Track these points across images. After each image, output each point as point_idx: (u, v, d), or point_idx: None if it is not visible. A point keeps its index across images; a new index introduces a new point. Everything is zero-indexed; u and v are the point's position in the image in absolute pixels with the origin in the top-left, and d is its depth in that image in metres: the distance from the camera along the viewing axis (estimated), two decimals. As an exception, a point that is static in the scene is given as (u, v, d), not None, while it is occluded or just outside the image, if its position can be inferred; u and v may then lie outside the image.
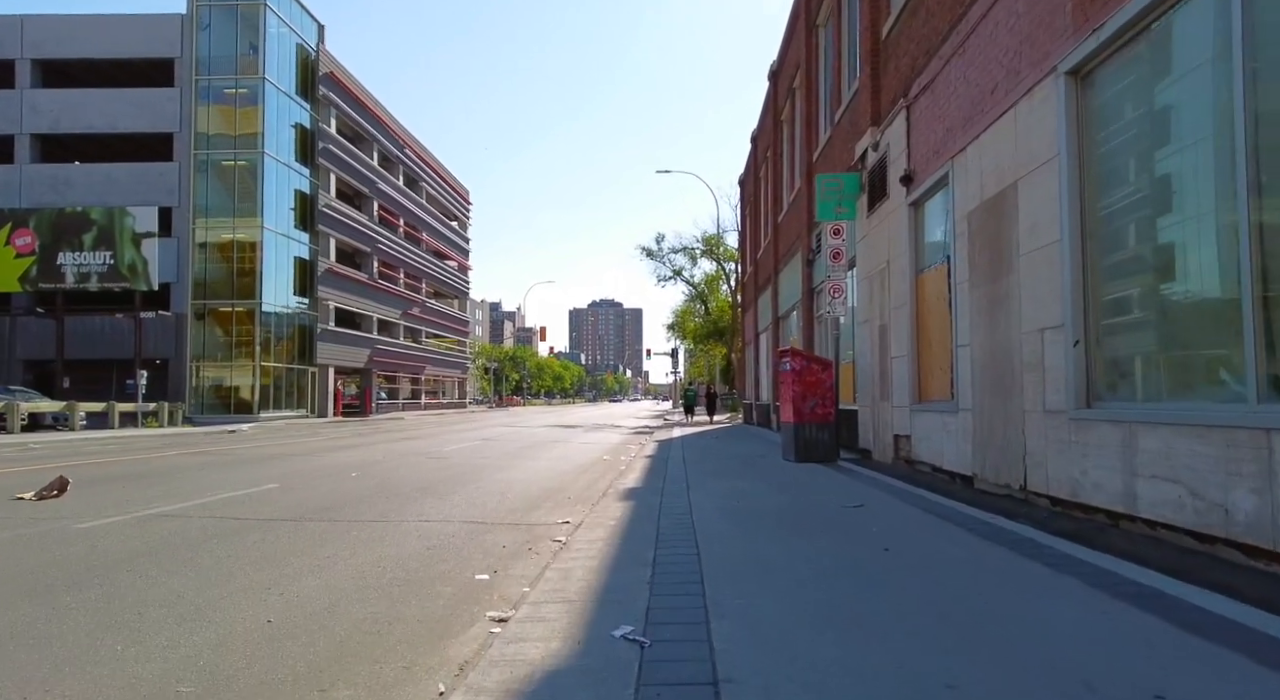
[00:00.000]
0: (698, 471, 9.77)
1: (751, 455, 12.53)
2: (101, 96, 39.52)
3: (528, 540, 5.91)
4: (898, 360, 9.61)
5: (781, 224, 20.76)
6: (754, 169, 26.98)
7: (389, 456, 14.06)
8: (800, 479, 8.67)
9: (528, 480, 10.18)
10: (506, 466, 12.15)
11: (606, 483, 9.57)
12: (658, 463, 11.43)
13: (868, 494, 7.20)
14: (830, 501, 6.78)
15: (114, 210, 32.45)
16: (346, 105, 48.54)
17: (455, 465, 12.34)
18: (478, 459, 13.55)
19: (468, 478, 10.44)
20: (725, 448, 14.69)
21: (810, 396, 10.69)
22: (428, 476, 10.59)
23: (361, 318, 51.30)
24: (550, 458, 13.99)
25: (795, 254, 18.30)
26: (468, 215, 77.96)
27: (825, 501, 6.79)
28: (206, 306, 40.00)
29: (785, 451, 11.12)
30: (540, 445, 17.49)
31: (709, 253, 43.87)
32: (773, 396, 22.45)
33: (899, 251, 9.53)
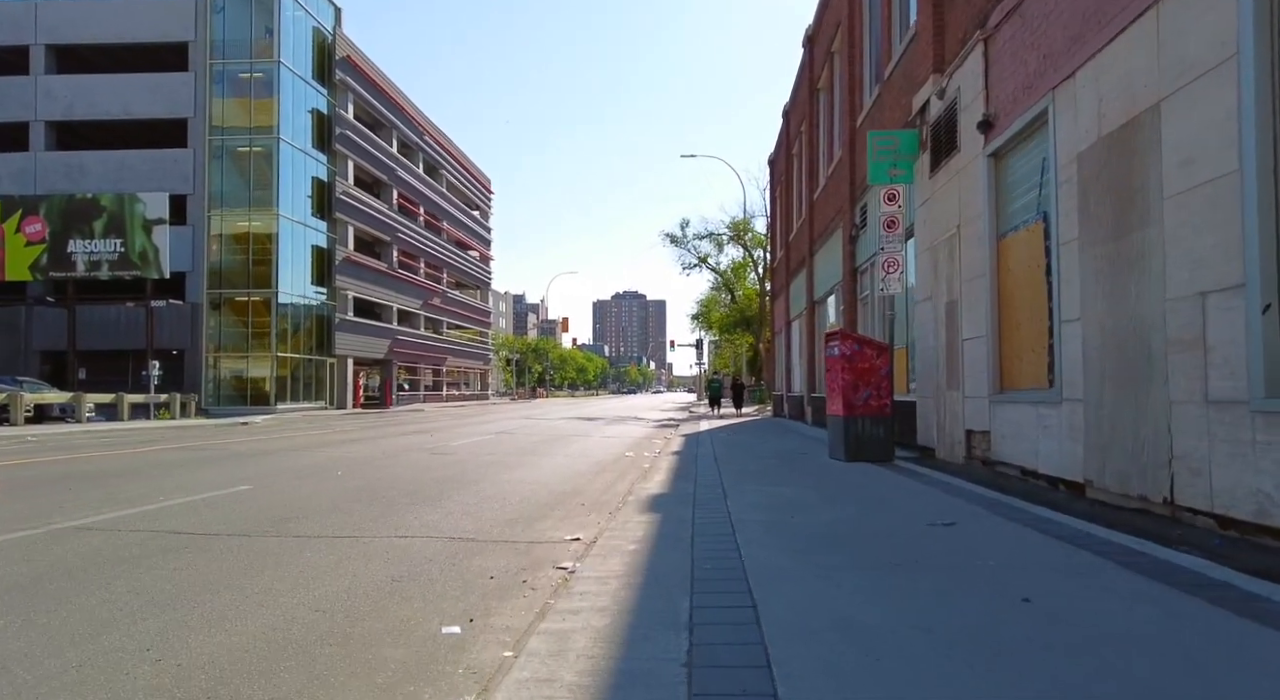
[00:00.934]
0: (733, 472, 8.38)
1: (791, 452, 11.11)
2: (115, 82, 38.79)
3: (524, 567, 4.57)
4: (972, 343, 8.14)
5: (818, 201, 19.23)
6: (786, 146, 25.42)
7: (391, 452, 12.83)
8: (858, 484, 7.25)
9: (538, 482, 8.86)
10: (516, 465, 10.84)
11: (627, 485, 8.22)
12: (685, 461, 10.05)
13: (951, 506, 5.78)
14: (908, 516, 5.37)
15: (124, 196, 31.62)
16: (364, 90, 47.51)
17: (459, 463, 11.05)
18: (486, 456, 12.27)
19: (470, 478, 9.13)
20: (759, 443, 13.27)
21: (862, 386, 9.25)
22: (425, 477, 9.30)
23: (381, 308, 50.41)
24: (567, 454, 12.67)
25: (834, 232, 16.79)
26: (489, 205, 76.90)
27: (902, 516, 5.38)
28: (222, 296, 39.22)
29: (833, 449, 9.69)
30: (558, 440, 16.19)
31: (736, 239, 42.29)
32: (805, 387, 20.97)
33: (974, 213, 8.05)
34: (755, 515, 5.48)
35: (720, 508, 5.84)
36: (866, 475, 7.88)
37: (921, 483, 7.19)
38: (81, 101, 38.63)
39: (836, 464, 9.17)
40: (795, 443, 13.28)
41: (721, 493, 6.69)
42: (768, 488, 7.03)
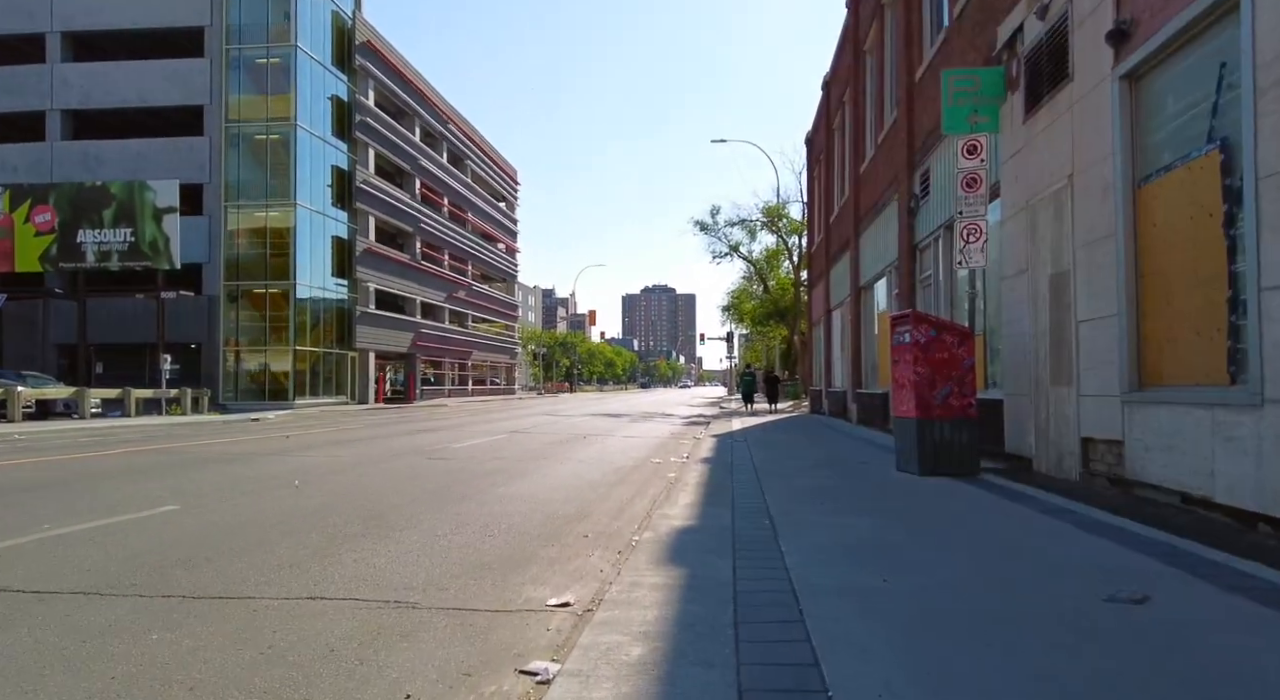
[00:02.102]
0: (780, 490, 6.62)
1: (844, 459, 9.31)
2: (131, 69, 37.86)
3: (467, 671, 2.87)
4: (1093, 325, 6.28)
5: (865, 175, 17.29)
6: (826, 120, 23.46)
7: (382, 456, 11.25)
8: (954, 512, 5.46)
9: (537, 499, 7.17)
10: (519, 474, 9.17)
11: (646, 506, 6.51)
12: (718, 471, 8.30)
13: (1109, 556, 3.96)
14: (1055, 573, 3.58)
15: (134, 184, 30.59)
16: (386, 77, 46.24)
17: (452, 471, 9.41)
18: (488, 461, 10.63)
19: (455, 494, 7.47)
20: (804, 448, 11.46)
21: (940, 381, 7.43)
22: (402, 491, 7.66)
23: (404, 300, 49.22)
24: (580, 459, 10.98)
25: (885, 207, 14.88)
26: (515, 196, 75.54)
27: (1048, 575, 3.59)
28: (240, 288, 38.18)
29: (902, 458, 7.87)
30: (574, 441, 14.52)
31: (770, 225, 40.24)
32: (849, 382, 19.06)
33: (1096, 156, 6.18)
34: (827, 573, 3.72)
35: (772, 556, 4.09)
36: (956, 497, 6.07)
37: (1035, 510, 5.37)
38: (98, 90, 37.77)
39: (908, 478, 7.37)
40: (846, 446, 11.45)
41: (770, 526, 4.93)
42: (832, 518, 5.26)
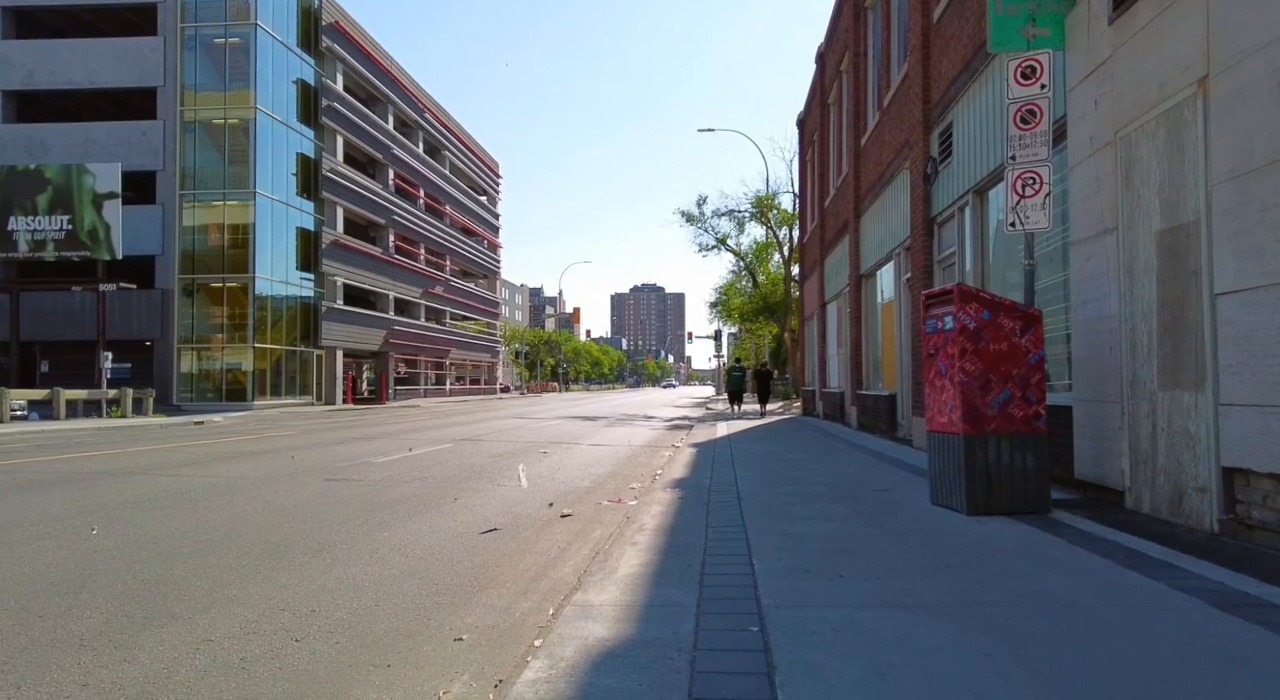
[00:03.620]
0: (778, 550, 4.47)
1: (858, 485, 7.19)
2: (78, 47, 35.40)
3: None
4: (1251, 299, 4.17)
5: (867, 147, 15.21)
6: (820, 95, 21.38)
7: (276, 475, 9.05)
8: (1061, 601, 3.33)
9: (424, 552, 5.00)
10: (428, 505, 7.01)
11: (570, 580, 4.35)
12: (689, 506, 6.16)
13: None
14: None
15: (71, 168, 28.18)
16: (356, 60, 43.89)
17: (341, 501, 7.24)
18: (403, 483, 8.47)
19: (310, 544, 5.30)
20: (802, 464, 9.33)
21: (997, 382, 5.33)
22: (235, 540, 5.48)
23: (376, 296, 46.88)
24: (518, 485, 8.82)
25: (895, 177, 12.79)
26: (497, 190, 73.22)
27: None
28: (195, 282, 35.82)
29: (941, 488, 5.75)
30: (529, 452, 12.37)
31: (759, 217, 38.13)
32: (848, 382, 16.98)
33: (1258, 38, 4.07)
34: None
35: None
36: (1055, 568, 3.92)
37: (1208, 603, 3.27)
38: (42, 69, 35.29)
39: (955, 520, 5.25)
40: (853, 462, 9.33)
41: (761, 644, 2.80)
42: (869, 618, 3.13)
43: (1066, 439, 6.29)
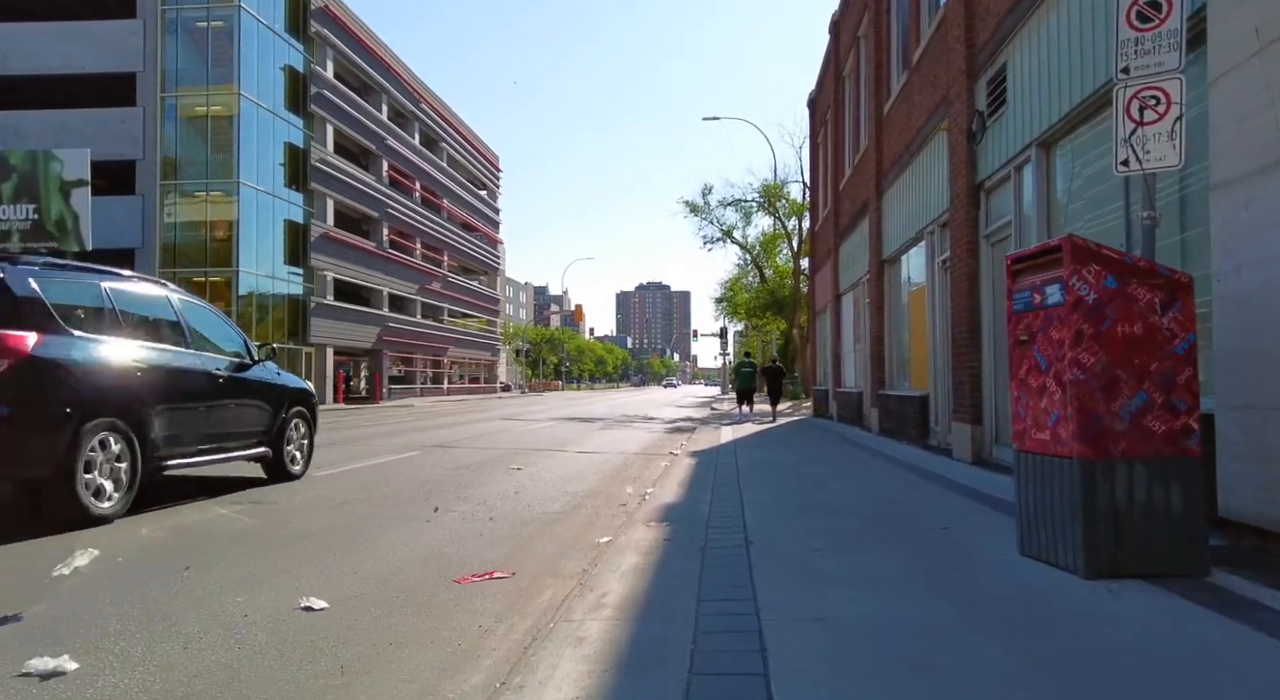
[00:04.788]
0: (824, 667, 2.74)
1: (907, 520, 5.47)
2: (54, 31, 33.84)
3: None
4: None
5: (891, 114, 13.46)
6: (834, 68, 19.63)
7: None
8: None
9: (229, 674, 3.30)
10: (325, 550, 5.31)
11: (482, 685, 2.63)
12: (678, 552, 4.45)
13: None
14: None
15: (37, 154, 26.62)
16: (347, 47, 42.30)
17: (211, 541, 5.57)
18: (327, 509, 6.79)
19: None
20: (826, 483, 7.61)
21: (1129, 378, 3.62)
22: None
23: (369, 292, 45.30)
24: (466, 514, 7.12)
25: (928, 143, 11.05)
26: (498, 184, 71.64)
27: None
28: (177, 276, 34.19)
29: (1039, 532, 4.01)
30: (503, 463, 10.69)
31: (767, 206, 36.33)
32: (867, 380, 15.26)
33: None
34: None
35: None
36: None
37: None
38: (16, 54, 33.74)
39: (1070, 589, 3.53)
40: (888, 478, 7.60)
41: None
42: None
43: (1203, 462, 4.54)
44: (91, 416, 5.60)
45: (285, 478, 8.13)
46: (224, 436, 7.31)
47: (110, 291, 6.36)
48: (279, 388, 8.24)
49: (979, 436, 8.78)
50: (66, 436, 5.40)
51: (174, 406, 6.55)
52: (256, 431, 7.76)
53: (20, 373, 5.20)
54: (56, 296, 5.74)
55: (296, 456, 8.40)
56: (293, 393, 8.48)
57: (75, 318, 5.84)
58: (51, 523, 5.48)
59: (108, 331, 6.07)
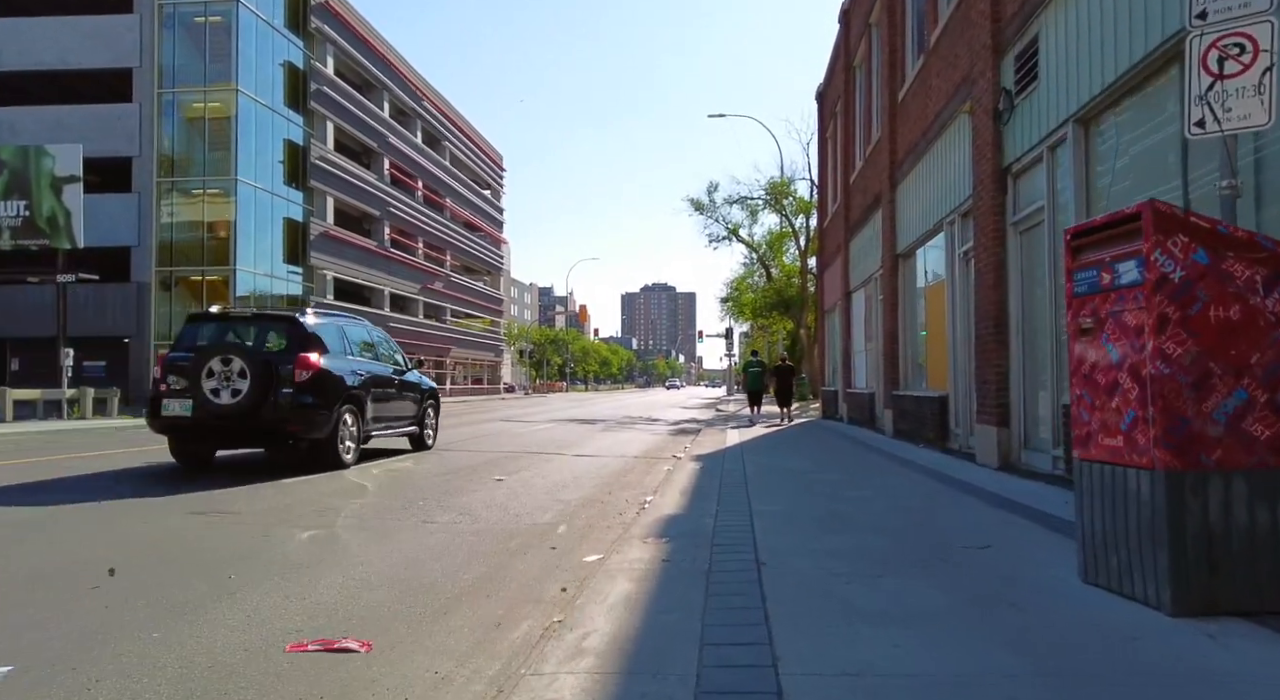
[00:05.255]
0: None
1: (944, 537, 4.84)
2: (50, 26, 33.40)
3: None
4: None
5: (907, 101, 12.82)
6: (844, 58, 18.98)
7: (148, 503, 6.79)
8: None
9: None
10: (250, 582, 4.71)
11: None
12: (681, 578, 3.82)
13: None
14: None
15: (28, 149, 26.09)
16: (348, 44, 41.78)
17: (167, 556, 4.97)
18: (293, 521, 6.19)
19: None
20: (843, 492, 6.98)
21: (1225, 373, 2.99)
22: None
23: (370, 291, 44.77)
24: (456, 515, 6.51)
25: (948, 127, 10.39)
26: (501, 183, 71.09)
27: None
28: (174, 275, 33.78)
29: (1112, 562, 3.38)
30: (500, 464, 10.07)
31: (774, 204, 35.65)
32: (881, 381, 14.62)
33: None
34: None
35: None
36: None
37: None
38: (11, 49, 33.32)
39: (1158, 630, 2.89)
40: (909, 486, 6.96)
41: None
42: None
43: None
44: (344, 403, 9.15)
45: (423, 448, 11.78)
46: (396, 419, 10.86)
47: (343, 327, 10.01)
48: (421, 387, 11.78)
49: (1006, 440, 8.13)
50: (334, 414, 8.94)
51: (375, 398, 10.03)
52: (410, 416, 11.34)
53: (315, 378, 8.75)
54: (321, 333, 9.30)
55: (430, 434, 12.05)
56: (427, 390, 12.03)
57: (330, 345, 9.31)
58: (323, 466, 8.99)
59: (344, 352, 9.63)
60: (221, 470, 9.06)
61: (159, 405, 8.59)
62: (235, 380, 8.41)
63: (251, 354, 8.65)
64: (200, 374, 8.40)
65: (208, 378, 8.40)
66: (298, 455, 9.07)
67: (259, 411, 8.43)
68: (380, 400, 10.14)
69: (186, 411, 8.44)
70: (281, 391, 8.53)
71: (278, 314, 9.99)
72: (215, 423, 8.48)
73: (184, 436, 8.93)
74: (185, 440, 9.00)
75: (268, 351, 8.98)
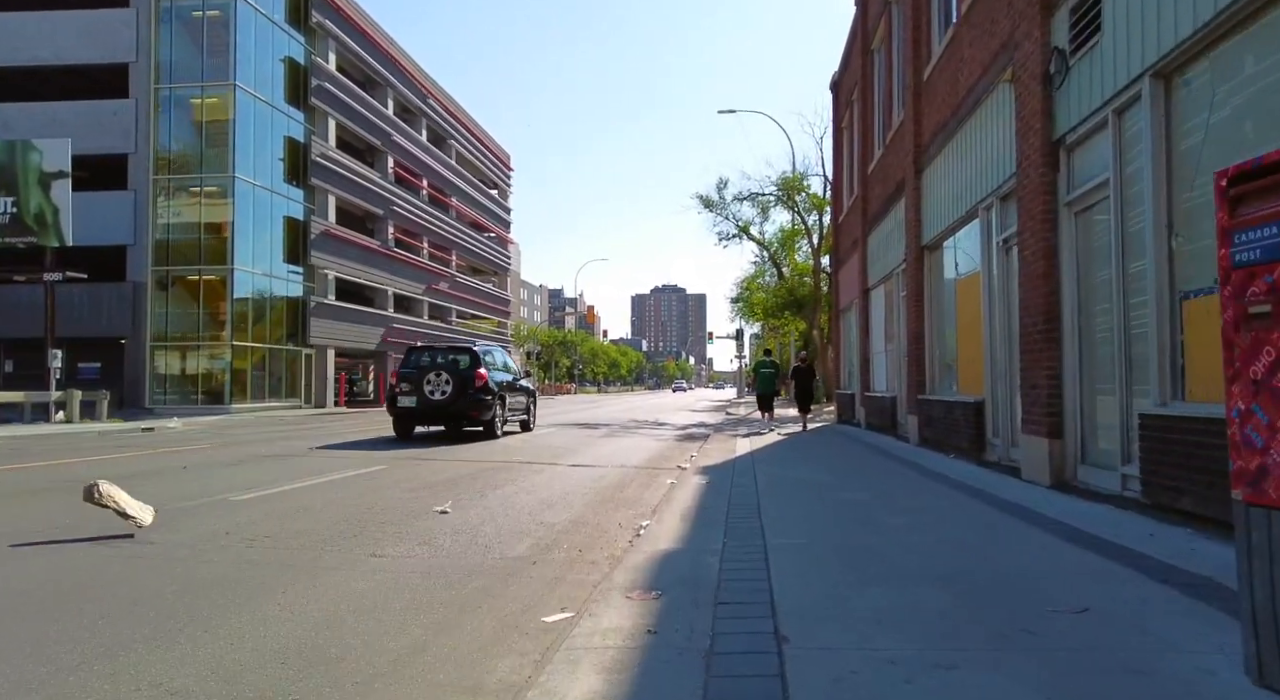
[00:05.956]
0: None
1: (1022, 593, 3.76)
2: (43, 20, 32.69)
3: None
4: None
5: (933, 79, 11.72)
6: (860, 42, 17.89)
7: (59, 527, 5.81)
8: None
9: None
10: (101, 653, 3.68)
11: None
12: (672, 664, 2.75)
13: None
14: None
15: (15, 144, 25.31)
16: (351, 39, 40.94)
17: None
18: (209, 557, 5.19)
19: None
20: (876, 517, 5.93)
21: None
22: None
23: (373, 291, 43.89)
24: (412, 545, 5.50)
25: (982, 101, 9.29)
26: (509, 183, 70.19)
27: None
28: (170, 274, 32.96)
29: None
30: (484, 476, 9.05)
31: (786, 200, 34.48)
32: (903, 384, 13.55)
33: None
34: None
35: None
36: None
37: None
38: (4, 45, 32.61)
39: None
40: (955, 511, 5.88)
41: None
42: None
43: None
44: (501, 399, 14.54)
45: (527, 431, 16.88)
46: (515, 410, 16.04)
47: (491, 351, 15.61)
48: (527, 389, 17.21)
49: (1059, 453, 7.04)
50: (495, 404, 14.24)
51: (508, 396, 15.21)
52: (523, 407, 16.66)
53: (484, 384, 14.04)
54: (484, 356, 14.72)
55: (531, 420, 17.35)
56: (530, 390, 17.47)
57: (488, 363, 14.62)
58: (487, 437, 14.23)
59: (493, 367, 14.84)
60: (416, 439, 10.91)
61: (395, 399, 14.32)
62: (443, 386, 14.08)
63: (451, 370, 14.28)
64: (422, 381, 14.08)
65: (426, 384, 14.06)
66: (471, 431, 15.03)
67: (456, 404, 14.05)
68: (510, 396, 15.59)
69: (412, 403, 14.12)
70: (468, 392, 14.11)
71: (463, 346, 15.78)
72: (429, 410, 14.13)
73: (407, 418, 14.46)
74: (407, 419, 14.49)
75: (460, 369, 14.38)
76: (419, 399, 13.94)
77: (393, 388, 14.40)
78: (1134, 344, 5.98)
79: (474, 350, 14.86)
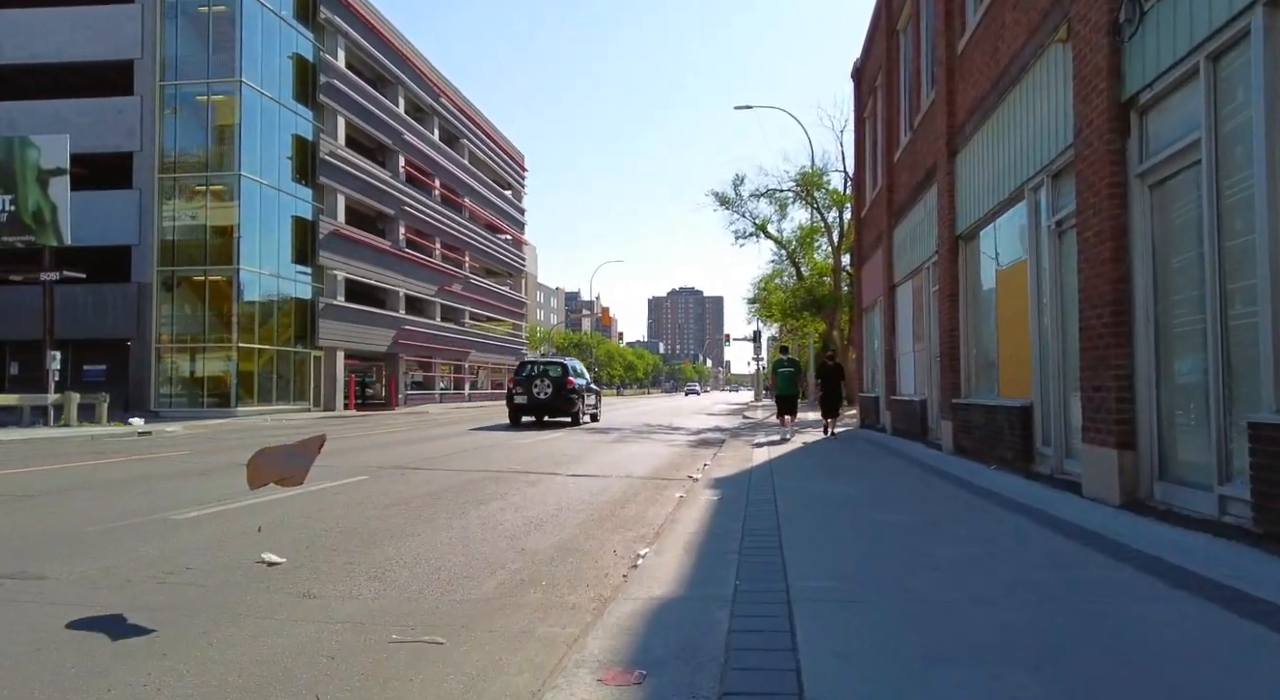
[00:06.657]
0: None
1: (1164, 692, 2.73)
2: (48, 18, 32.22)
3: None
4: None
5: (968, 52, 10.66)
6: (885, 23, 16.84)
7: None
8: None
9: None
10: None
11: None
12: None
13: None
14: None
15: (12, 140, 24.74)
16: (361, 36, 40.29)
17: None
18: (97, 599, 4.27)
19: None
20: (927, 550, 4.93)
21: None
22: None
23: (384, 293, 43.19)
24: (361, 582, 4.55)
25: (1029, 68, 8.25)
26: (523, 184, 69.42)
27: None
28: (176, 275, 32.38)
29: None
30: (471, 489, 8.14)
31: (804, 197, 33.35)
32: (934, 387, 12.50)
33: None
34: None
35: None
36: None
37: None
38: (8, 42, 32.19)
39: None
40: (1026, 545, 4.87)
41: None
42: None
43: None
44: (582, 398, 21.77)
45: (595, 421, 23.32)
46: (589, 406, 22.93)
47: (576, 362, 22.92)
48: (596, 390, 24.63)
49: (1131, 467, 5.99)
50: (579, 402, 21.42)
51: (586, 395, 22.36)
52: (593, 404, 23.80)
53: (572, 388, 21.02)
54: (571, 365, 22.01)
55: (598, 414, 24.67)
56: (598, 392, 25.35)
57: (573, 370, 21.83)
58: (573, 427, 20.25)
59: (575, 375, 21.74)
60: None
61: (512, 397, 20.93)
62: (546, 388, 20.45)
63: (551, 377, 20.74)
64: (530, 384, 20.55)
65: (533, 387, 20.45)
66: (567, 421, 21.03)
67: (554, 402, 20.44)
68: (587, 396, 22.22)
69: (524, 401, 20.57)
70: (562, 393, 20.51)
71: (557, 361, 21.69)
72: (536, 406, 20.45)
73: (521, 411, 20.81)
74: (520, 412, 20.85)
75: (556, 376, 20.82)
76: (529, 398, 20.49)
77: (510, 390, 21.25)
78: (1234, 337, 4.94)
79: (565, 363, 21.59)
